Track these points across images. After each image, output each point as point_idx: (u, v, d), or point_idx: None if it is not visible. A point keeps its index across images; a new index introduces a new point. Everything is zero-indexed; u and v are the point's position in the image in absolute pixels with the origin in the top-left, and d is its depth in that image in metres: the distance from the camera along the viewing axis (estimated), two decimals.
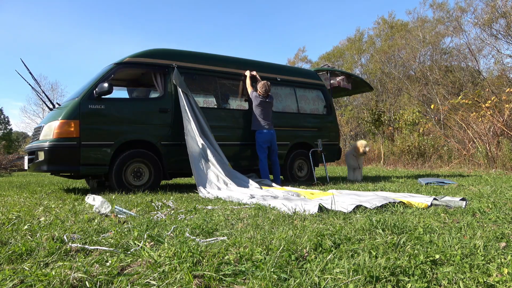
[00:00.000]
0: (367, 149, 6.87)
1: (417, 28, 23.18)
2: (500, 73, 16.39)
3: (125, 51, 61.18)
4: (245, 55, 7.82)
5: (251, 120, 6.02)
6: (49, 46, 54.09)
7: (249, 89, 6.04)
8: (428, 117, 16.87)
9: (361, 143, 6.88)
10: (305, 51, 38.28)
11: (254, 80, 6.19)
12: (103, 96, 4.89)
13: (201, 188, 4.82)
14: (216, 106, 6.15)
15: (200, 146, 5.22)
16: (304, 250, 1.76)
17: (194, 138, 5.24)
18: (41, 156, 4.72)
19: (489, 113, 10.29)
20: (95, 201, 3.35)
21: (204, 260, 1.62)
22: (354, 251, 1.74)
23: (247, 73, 6.16)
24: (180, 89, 5.35)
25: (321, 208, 2.95)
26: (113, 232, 2.22)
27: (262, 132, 5.89)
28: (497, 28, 16.35)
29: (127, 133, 5.02)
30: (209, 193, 4.65)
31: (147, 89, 6.36)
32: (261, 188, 4.97)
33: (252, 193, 4.41)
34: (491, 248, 1.76)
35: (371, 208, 3.01)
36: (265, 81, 5.95)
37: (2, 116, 40.38)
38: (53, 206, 3.54)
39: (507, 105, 10.25)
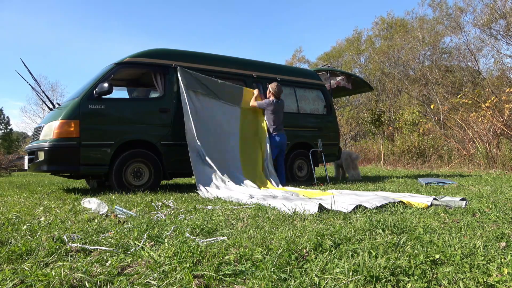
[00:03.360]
0: None
1: (416, 28, 23.18)
2: (500, 73, 16.39)
3: (125, 51, 61.23)
4: (243, 56, 7.89)
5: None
6: (49, 46, 54.12)
7: (255, 103, 5.90)
8: (428, 117, 16.87)
9: None
10: (302, 51, 38.39)
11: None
12: (103, 96, 4.89)
13: (201, 187, 4.83)
14: None
15: (200, 145, 5.23)
16: (304, 250, 1.76)
17: (194, 137, 5.25)
18: (41, 156, 4.72)
19: (489, 113, 10.30)
20: (90, 203, 3.34)
21: (204, 260, 1.62)
22: (354, 251, 1.74)
23: (255, 91, 6.04)
24: (183, 87, 5.35)
25: (321, 208, 2.95)
26: (113, 232, 2.22)
27: (275, 137, 5.89)
28: (496, 28, 16.35)
29: (127, 133, 5.02)
30: (208, 192, 4.66)
31: (147, 89, 6.36)
32: (259, 188, 4.97)
33: (252, 193, 4.41)
34: (491, 248, 1.76)
35: (370, 208, 3.01)
36: (276, 83, 5.91)
37: (2, 116, 40.37)
38: (53, 206, 3.53)
39: (507, 105, 10.25)
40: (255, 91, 6.04)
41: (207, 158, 5.19)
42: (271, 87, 5.88)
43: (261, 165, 5.77)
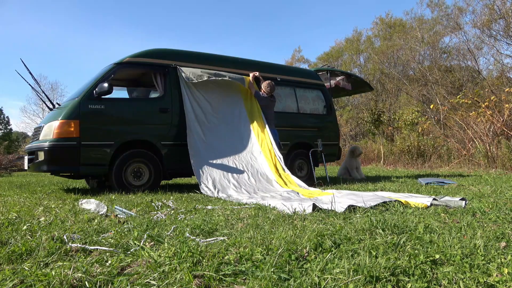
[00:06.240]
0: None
1: (415, 28, 23.15)
2: (499, 73, 16.38)
3: (125, 51, 61.19)
4: (243, 56, 7.89)
5: None
6: (49, 46, 54.09)
7: (252, 89, 6.02)
8: (427, 117, 16.87)
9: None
10: (301, 51, 38.20)
11: (257, 81, 6.18)
12: (103, 96, 4.89)
13: (203, 186, 4.84)
14: None
15: (202, 146, 5.24)
16: (304, 250, 1.76)
17: (194, 139, 5.27)
18: (41, 156, 4.72)
19: (489, 113, 10.30)
20: (89, 204, 3.34)
21: (204, 260, 1.62)
22: (354, 251, 1.74)
23: (251, 75, 6.13)
24: (184, 89, 5.36)
25: (314, 207, 2.97)
26: (113, 232, 2.22)
27: None
28: (496, 28, 16.34)
29: (127, 133, 5.02)
30: (210, 190, 4.67)
31: (147, 89, 6.37)
32: (282, 187, 4.98)
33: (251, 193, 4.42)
34: (491, 248, 1.76)
35: (365, 207, 3.01)
36: (269, 81, 5.94)
37: (2, 116, 40.36)
38: (53, 206, 3.53)
39: (506, 105, 10.25)
40: (251, 74, 6.07)
41: (210, 161, 5.20)
42: (263, 85, 5.92)
43: (276, 158, 5.71)
